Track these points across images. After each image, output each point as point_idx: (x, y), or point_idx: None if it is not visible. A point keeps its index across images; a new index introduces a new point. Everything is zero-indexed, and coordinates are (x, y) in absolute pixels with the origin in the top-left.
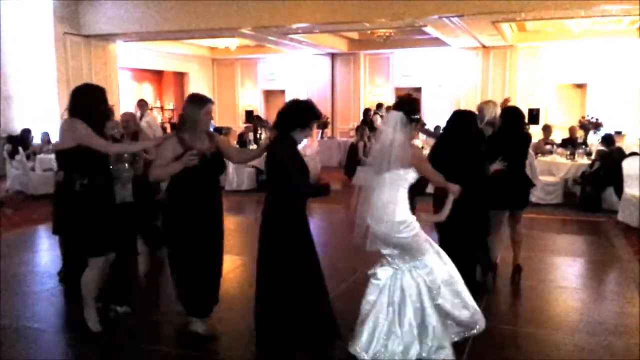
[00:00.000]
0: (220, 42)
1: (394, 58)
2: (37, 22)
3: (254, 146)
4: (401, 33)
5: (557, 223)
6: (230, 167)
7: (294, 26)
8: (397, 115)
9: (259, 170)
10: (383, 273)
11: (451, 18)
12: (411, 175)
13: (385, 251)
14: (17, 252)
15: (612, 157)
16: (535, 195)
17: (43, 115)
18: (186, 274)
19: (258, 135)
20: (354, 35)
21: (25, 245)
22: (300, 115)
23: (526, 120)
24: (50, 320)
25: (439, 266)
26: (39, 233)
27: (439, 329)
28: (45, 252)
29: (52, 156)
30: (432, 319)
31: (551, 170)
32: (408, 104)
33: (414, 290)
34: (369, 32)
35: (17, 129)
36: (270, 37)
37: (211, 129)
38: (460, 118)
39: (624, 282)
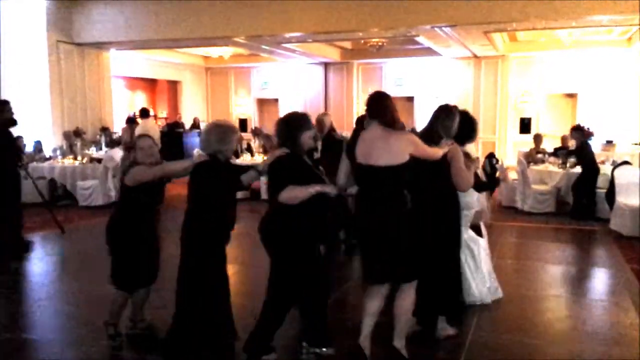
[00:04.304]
0: (214, 51)
1: (386, 67)
2: (29, 30)
3: (246, 155)
4: (394, 43)
5: (549, 232)
6: None
7: (288, 35)
8: None
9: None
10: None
11: (443, 28)
12: None
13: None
14: (10, 261)
15: (586, 149)
16: (527, 204)
17: (36, 124)
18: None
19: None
20: (347, 44)
21: (17, 253)
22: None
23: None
24: (43, 330)
25: None
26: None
27: (492, 274)
28: (38, 261)
29: (45, 164)
30: (490, 266)
31: (543, 179)
32: None
33: (476, 246)
34: (362, 41)
35: None
36: (263, 46)
37: None
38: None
39: (617, 291)
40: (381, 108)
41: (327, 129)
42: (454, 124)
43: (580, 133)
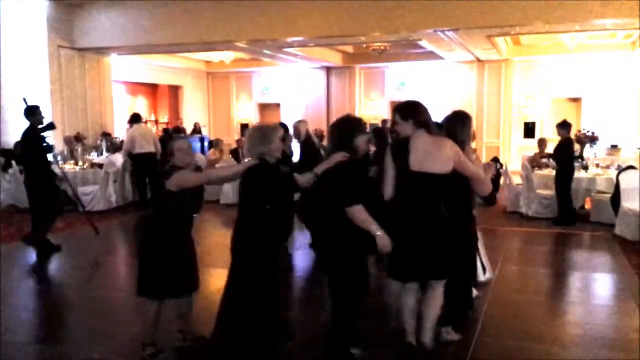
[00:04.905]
0: (215, 56)
1: (389, 72)
2: (30, 35)
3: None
4: (396, 47)
5: (553, 236)
6: None
7: (289, 40)
8: None
9: None
10: None
11: (446, 32)
12: None
13: None
14: (10, 267)
15: (569, 147)
16: (532, 209)
17: None
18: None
19: None
20: (349, 49)
21: (18, 259)
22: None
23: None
24: (43, 335)
25: None
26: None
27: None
28: (38, 267)
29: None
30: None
31: (547, 183)
32: None
33: None
34: (364, 45)
35: (10, 142)
36: (265, 51)
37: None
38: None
39: (622, 296)
40: (426, 116)
41: (304, 136)
42: (471, 129)
43: (567, 129)
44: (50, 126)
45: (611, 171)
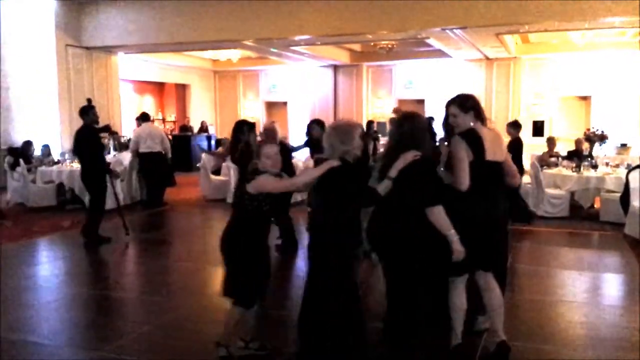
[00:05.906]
0: (222, 54)
1: (396, 70)
2: (38, 34)
3: None
4: (404, 45)
5: (563, 236)
6: (232, 179)
7: (296, 38)
8: None
9: None
10: None
11: (454, 30)
12: None
13: None
14: (17, 265)
15: (516, 144)
16: (541, 209)
17: (44, 128)
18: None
19: None
20: (357, 47)
21: (25, 257)
22: None
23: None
24: (50, 334)
25: None
26: (39, 245)
27: None
28: (46, 265)
29: (54, 168)
30: None
31: (557, 183)
32: None
33: None
34: (372, 43)
35: (18, 140)
36: (272, 49)
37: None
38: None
39: (631, 297)
40: (482, 108)
41: (279, 138)
42: None
43: (517, 129)
44: (107, 128)
45: (621, 170)
